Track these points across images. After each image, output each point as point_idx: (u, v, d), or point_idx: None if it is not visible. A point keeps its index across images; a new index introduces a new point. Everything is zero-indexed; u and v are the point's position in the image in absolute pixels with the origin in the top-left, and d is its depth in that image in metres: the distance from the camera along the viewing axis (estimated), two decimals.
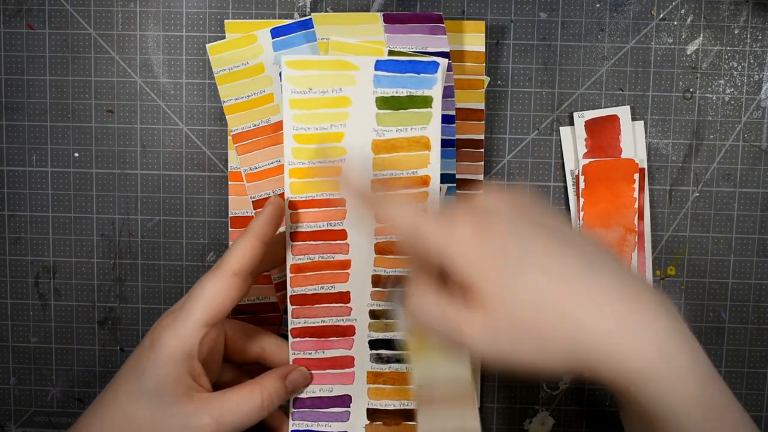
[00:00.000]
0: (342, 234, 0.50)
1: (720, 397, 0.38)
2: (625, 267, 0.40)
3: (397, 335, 0.50)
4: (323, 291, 0.50)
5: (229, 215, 0.56)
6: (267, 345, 0.51)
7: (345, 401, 0.51)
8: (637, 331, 0.36)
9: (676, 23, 0.56)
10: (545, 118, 0.56)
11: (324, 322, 0.50)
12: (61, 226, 0.57)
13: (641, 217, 0.55)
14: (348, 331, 0.50)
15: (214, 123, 0.56)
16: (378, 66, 0.49)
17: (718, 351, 0.57)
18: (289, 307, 0.50)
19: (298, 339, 0.50)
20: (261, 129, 0.55)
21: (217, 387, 0.48)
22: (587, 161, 0.55)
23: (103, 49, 0.56)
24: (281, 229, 0.49)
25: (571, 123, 0.56)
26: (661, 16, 0.56)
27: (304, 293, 0.50)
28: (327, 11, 0.55)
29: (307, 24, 0.54)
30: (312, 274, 0.50)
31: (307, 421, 0.51)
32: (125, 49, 0.56)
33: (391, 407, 0.51)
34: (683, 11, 0.55)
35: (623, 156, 0.55)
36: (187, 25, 0.56)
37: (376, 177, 0.49)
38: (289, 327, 0.50)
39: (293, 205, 0.49)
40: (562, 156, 0.56)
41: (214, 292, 0.45)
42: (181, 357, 0.45)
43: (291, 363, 0.50)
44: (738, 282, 0.57)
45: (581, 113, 0.56)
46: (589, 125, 0.56)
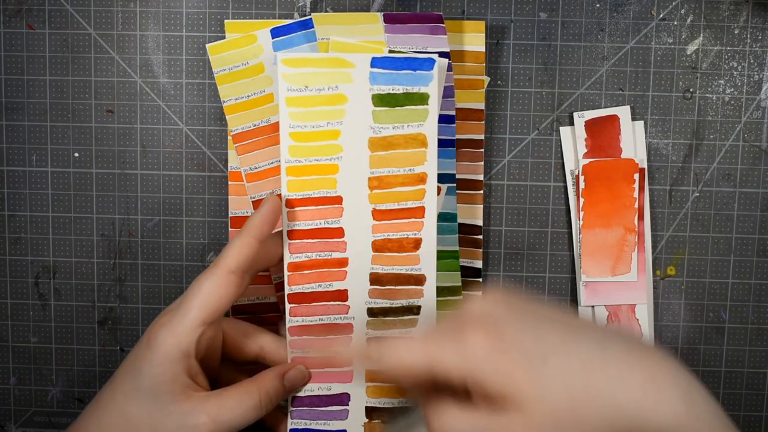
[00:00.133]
0: (339, 232, 0.50)
1: None
2: (628, 335, 0.42)
3: None
4: (321, 289, 0.50)
5: (229, 215, 0.56)
6: (265, 343, 0.50)
7: (343, 399, 0.51)
8: (664, 391, 0.38)
9: (676, 23, 0.55)
10: (545, 118, 0.56)
11: (322, 320, 0.50)
12: (61, 226, 0.57)
13: (641, 217, 0.55)
14: (346, 329, 0.50)
15: (214, 123, 0.56)
16: (374, 63, 0.49)
17: (718, 351, 0.57)
18: (287, 306, 0.50)
19: (296, 337, 0.50)
20: (261, 129, 0.55)
21: (216, 386, 0.48)
22: (587, 161, 0.55)
23: (103, 49, 0.56)
24: (278, 228, 0.49)
25: (571, 123, 0.56)
26: (661, 16, 0.55)
27: (301, 291, 0.50)
28: (327, 11, 0.55)
29: (307, 24, 0.54)
30: (309, 272, 0.50)
31: (306, 420, 0.51)
32: (125, 49, 0.56)
33: (390, 405, 0.51)
34: (683, 11, 0.55)
35: (623, 156, 0.55)
36: (187, 25, 0.56)
37: (372, 174, 0.49)
38: (287, 325, 0.50)
39: (290, 203, 0.49)
40: (562, 156, 0.56)
41: (210, 290, 0.45)
42: (178, 356, 0.45)
43: (289, 361, 0.50)
44: (738, 282, 0.56)
45: (581, 113, 0.56)
46: (589, 125, 0.55)
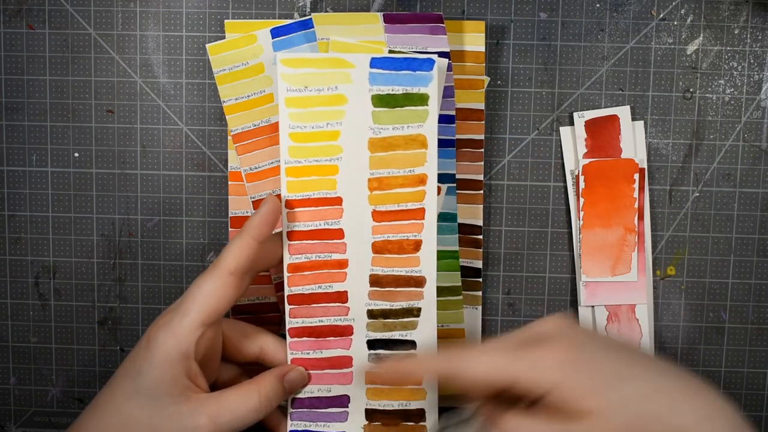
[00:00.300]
0: (339, 233, 0.50)
1: None
2: (681, 370, 0.43)
3: None
4: (321, 290, 0.50)
5: (229, 215, 0.56)
6: (265, 344, 0.50)
7: (343, 401, 0.51)
8: (716, 422, 0.40)
9: (676, 23, 0.55)
10: (545, 118, 0.56)
11: (322, 321, 0.50)
12: (61, 226, 0.57)
13: (641, 217, 0.55)
14: (346, 331, 0.50)
15: (214, 123, 0.56)
16: (373, 63, 0.49)
17: (718, 351, 0.57)
18: (287, 307, 0.50)
19: (296, 339, 0.50)
20: (261, 129, 0.55)
21: (216, 387, 0.48)
22: (587, 161, 0.55)
23: (103, 49, 0.56)
24: (278, 229, 0.49)
25: (571, 123, 0.56)
26: (661, 16, 0.55)
27: (301, 293, 0.50)
28: (327, 11, 0.55)
29: (307, 24, 0.54)
30: (309, 273, 0.50)
31: (306, 421, 0.50)
32: (125, 49, 0.56)
33: (390, 408, 0.51)
34: (683, 11, 0.55)
35: (623, 156, 0.55)
36: (187, 25, 0.56)
37: (372, 175, 0.49)
38: (287, 326, 0.50)
39: (290, 204, 0.49)
40: (562, 156, 0.56)
41: (210, 291, 0.45)
42: (178, 357, 0.45)
43: (289, 363, 0.50)
44: (738, 282, 0.56)
45: (581, 113, 0.55)
46: (589, 125, 0.55)
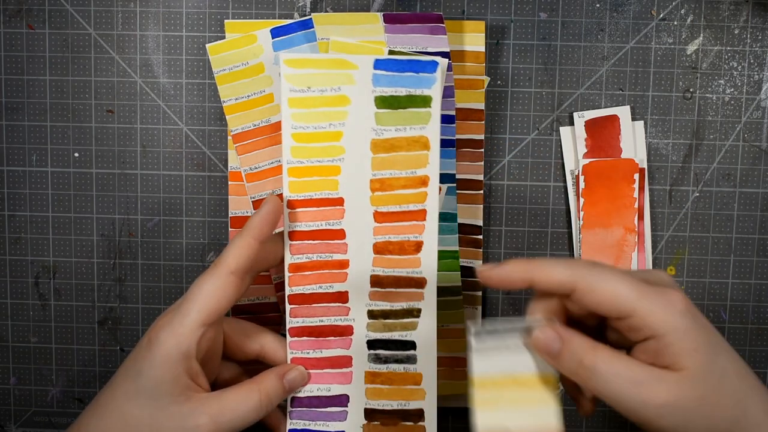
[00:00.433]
0: (340, 233, 0.50)
1: None
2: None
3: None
4: (321, 290, 0.50)
5: (229, 215, 0.56)
6: (266, 343, 0.50)
7: (343, 401, 0.51)
8: None
9: (676, 23, 0.55)
10: (545, 118, 0.56)
11: (322, 321, 0.50)
12: (61, 226, 0.57)
13: (641, 217, 0.55)
14: (346, 331, 0.50)
15: (214, 123, 0.56)
16: (377, 65, 0.49)
17: None
18: (287, 306, 0.50)
19: (296, 338, 0.50)
20: (261, 129, 0.55)
21: (217, 386, 0.48)
22: (587, 161, 0.55)
23: (103, 49, 0.56)
24: (279, 229, 0.49)
25: (571, 123, 0.56)
26: (661, 16, 0.55)
27: (302, 292, 0.50)
28: (327, 11, 0.55)
29: (307, 24, 0.54)
30: (310, 273, 0.50)
31: (305, 421, 0.51)
32: (125, 49, 0.56)
33: (389, 407, 0.51)
34: (683, 11, 0.55)
35: (623, 156, 0.55)
36: (187, 25, 0.56)
37: (374, 176, 0.49)
38: (287, 326, 0.50)
39: (291, 204, 0.49)
40: (562, 156, 0.56)
41: (211, 291, 0.45)
42: (178, 357, 0.45)
43: (289, 362, 0.50)
44: (738, 282, 0.57)
45: (581, 113, 0.55)
46: (589, 125, 0.55)
